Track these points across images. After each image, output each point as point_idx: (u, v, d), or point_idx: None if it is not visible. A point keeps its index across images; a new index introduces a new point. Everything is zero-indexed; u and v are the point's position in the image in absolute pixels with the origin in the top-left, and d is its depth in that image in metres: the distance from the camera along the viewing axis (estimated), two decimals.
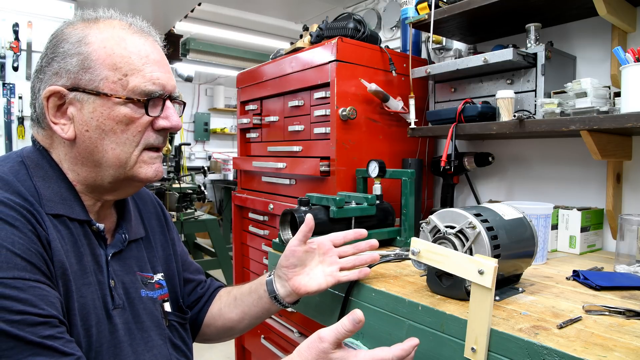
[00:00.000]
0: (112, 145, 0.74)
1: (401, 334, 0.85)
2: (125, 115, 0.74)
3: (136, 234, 0.87)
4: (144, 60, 0.75)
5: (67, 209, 0.73)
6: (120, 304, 0.77)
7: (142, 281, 0.84)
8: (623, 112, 1.08)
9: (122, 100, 0.73)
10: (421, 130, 1.60)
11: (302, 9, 2.72)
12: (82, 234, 0.75)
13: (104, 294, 0.75)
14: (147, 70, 0.75)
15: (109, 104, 0.73)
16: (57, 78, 0.73)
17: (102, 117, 0.73)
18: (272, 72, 1.83)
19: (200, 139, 6.32)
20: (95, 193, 0.78)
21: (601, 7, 1.18)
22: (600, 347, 0.63)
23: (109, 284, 0.76)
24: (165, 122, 0.78)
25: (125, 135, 0.75)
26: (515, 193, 1.66)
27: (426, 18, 1.50)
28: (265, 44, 3.92)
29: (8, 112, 2.95)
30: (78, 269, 0.71)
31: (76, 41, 0.73)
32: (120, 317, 0.77)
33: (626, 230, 1.05)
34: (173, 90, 0.80)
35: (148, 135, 0.77)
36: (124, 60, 0.74)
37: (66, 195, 0.74)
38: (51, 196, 0.72)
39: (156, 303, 0.85)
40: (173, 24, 3.40)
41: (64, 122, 0.74)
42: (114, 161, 0.75)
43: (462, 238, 0.83)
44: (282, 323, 1.84)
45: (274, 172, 1.83)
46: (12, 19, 2.93)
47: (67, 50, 0.73)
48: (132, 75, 0.74)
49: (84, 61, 0.72)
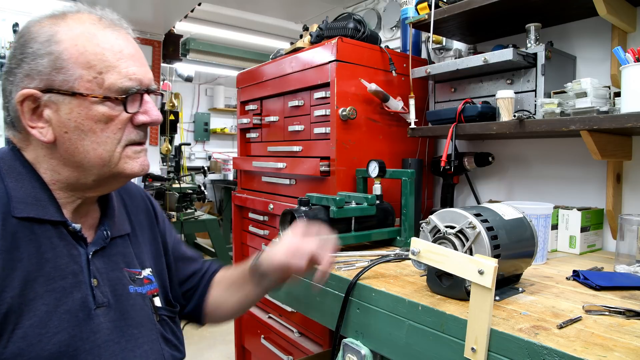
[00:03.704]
0: (93, 145, 0.72)
1: (401, 334, 0.85)
2: (103, 114, 0.71)
3: (120, 230, 0.85)
4: (118, 56, 0.73)
5: (40, 211, 0.71)
6: (105, 302, 0.76)
7: (130, 277, 0.82)
8: (623, 112, 1.08)
9: (99, 99, 0.71)
10: (421, 130, 1.60)
11: (302, 9, 2.72)
12: (56, 235, 0.73)
13: (84, 295, 0.73)
14: (123, 66, 0.73)
15: (86, 104, 0.70)
16: (29, 80, 0.70)
17: (80, 118, 0.71)
18: (272, 72, 1.83)
19: (200, 139, 6.32)
20: (76, 191, 0.77)
21: (601, 7, 1.18)
22: (600, 347, 0.63)
23: (90, 283, 0.74)
24: (144, 117, 0.77)
25: (106, 134, 0.73)
26: (515, 193, 1.66)
27: (426, 18, 1.50)
28: (265, 44, 3.93)
29: None
30: (39, 276, 0.69)
31: (45, 40, 0.70)
32: (105, 315, 0.75)
33: (626, 230, 1.05)
34: (150, 83, 0.77)
35: (129, 131, 0.75)
36: (98, 58, 0.71)
37: (40, 195, 0.72)
38: (23, 197, 0.70)
39: (145, 298, 0.84)
40: (173, 24, 3.40)
41: (41, 125, 0.71)
42: (96, 161, 0.73)
43: (462, 238, 0.83)
44: (282, 323, 1.84)
45: (274, 172, 1.83)
46: (12, 19, 2.93)
47: (36, 51, 0.69)
48: (108, 73, 0.71)
49: (56, 61, 0.69)
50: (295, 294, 1.19)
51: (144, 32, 3.34)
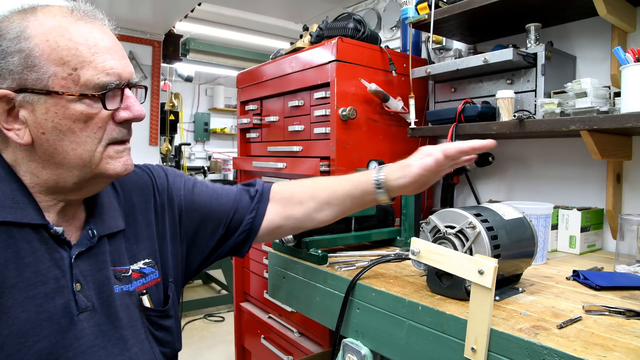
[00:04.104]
0: (73, 145, 0.69)
1: (401, 334, 0.85)
2: (81, 112, 0.68)
3: (111, 227, 0.80)
4: (94, 50, 0.68)
5: (19, 214, 0.68)
6: (88, 306, 0.72)
7: (115, 276, 0.78)
8: (623, 112, 1.08)
9: (75, 97, 0.67)
10: (421, 130, 1.60)
11: (302, 9, 2.72)
12: (37, 239, 0.69)
13: (65, 300, 0.69)
14: (99, 61, 0.68)
15: (62, 103, 0.67)
16: (1, 80, 0.66)
17: (57, 117, 0.67)
18: (272, 72, 1.83)
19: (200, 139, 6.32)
20: (57, 194, 0.73)
21: (601, 7, 1.18)
22: (600, 347, 0.63)
23: (72, 288, 0.71)
24: (126, 113, 0.73)
25: (85, 133, 0.69)
26: (515, 193, 1.66)
27: (426, 18, 1.50)
28: (265, 44, 3.92)
29: None
30: (17, 282, 0.65)
31: (14, 37, 0.65)
32: (89, 320, 0.72)
33: (626, 230, 1.05)
34: (131, 77, 0.73)
35: (110, 129, 0.72)
36: (71, 53, 0.66)
37: (19, 198, 0.69)
38: (1, 200, 0.67)
39: (133, 296, 0.80)
40: (173, 24, 3.39)
41: (17, 126, 0.68)
42: (76, 162, 0.70)
43: (462, 238, 0.83)
44: (282, 323, 1.84)
45: (274, 172, 1.83)
46: None
47: (5, 49, 0.65)
48: (83, 69, 0.67)
49: (27, 59, 0.65)
50: (295, 294, 1.19)
51: (144, 32, 3.34)
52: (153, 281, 0.85)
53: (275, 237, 1.04)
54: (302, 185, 1.03)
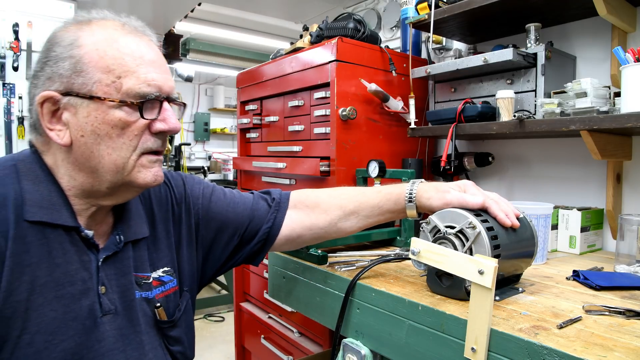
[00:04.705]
0: (109, 150, 0.72)
1: (401, 334, 0.85)
2: (120, 119, 0.71)
3: (137, 234, 0.83)
4: (138, 61, 0.72)
5: (53, 215, 0.71)
6: (111, 309, 0.75)
7: (136, 282, 0.81)
8: (623, 112, 1.08)
9: (115, 103, 0.70)
10: (421, 130, 1.60)
11: (302, 9, 2.72)
12: (69, 241, 0.72)
13: (91, 302, 0.72)
14: (142, 72, 0.72)
15: (103, 108, 0.70)
16: (51, 83, 0.71)
17: (97, 122, 0.70)
18: (272, 72, 1.83)
19: (200, 139, 6.31)
20: (91, 198, 0.76)
21: (601, 7, 1.18)
22: (600, 347, 0.63)
23: (97, 291, 0.74)
24: (162, 125, 0.75)
25: (122, 140, 0.72)
26: (515, 193, 1.66)
27: (426, 18, 1.50)
28: (265, 44, 3.92)
29: (8, 112, 2.95)
30: (48, 280, 0.68)
31: (68, 44, 0.71)
32: (111, 323, 0.74)
33: (626, 230, 1.05)
34: (171, 91, 0.76)
35: (145, 139, 0.74)
36: (117, 62, 0.71)
37: (55, 200, 0.72)
38: (38, 201, 0.70)
39: (150, 304, 0.82)
40: (173, 24, 3.39)
41: (59, 127, 0.72)
42: (110, 167, 0.72)
43: (462, 238, 0.83)
44: (282, 323, 1.84)
45: (274, 172, 1.83)
46: (12, 19, 2.93)
47: (59, 54, 0.71)
48: (126, 77, 0.71)
49: (76, 64, 0.70)
50: (295, 294, 1.19)
51: None
52: (171, 289, 0.87)
53: (295, 246, 1.03)
54: (328, 193, 1.02)
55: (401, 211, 0.95)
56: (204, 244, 0.95)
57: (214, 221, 0.95)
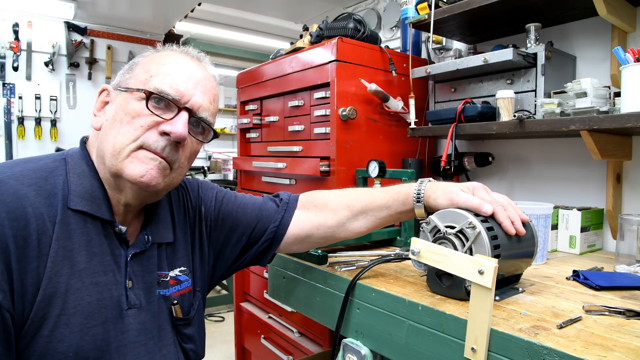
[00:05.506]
0: (115, 133, 0.76)
1: (401, 334, 0.85)
2: (134, 109, 0.76)
3: (162, 238, 0.87)
4: (175, 70, 0.79)
5: (94, 207, 0.76)
6: (137, 304, 0.79)
7: (157, 280, 0.85)
8: (623, 112, 1.08)
9: (135, 91, 0.77)
10: (421, 130, 1.60)
11: (302, 9, 2.72)
12: (103, 233, 0.77)
13: (119, 294, 0.76)
14: (172, 76, 0.78)
15: (128, 98, 0.77)
16: (113, 80, 0.84)
17: (119, 109, 0.77)
18: (272, 72, 1.83)
19: None
20: (115, 191, 0.79)
21: (601, 7, 1.18)
22: (600, 347, 0.63)
23: (125, 284, 0.78)
24: (167, 126, 0.76)
25: (128, 127, 0.76)
26: (515, 193, 1.66)
27: (426, 18, 1.50)
28: (265, 44, 3.93)
29: (8, 112, 2.95)
30: (86, 267, 0.73)
31: (139, 57, 0.84)
32: (135, 317, 0.78)
33: (626, 230, 1.05)
34: (195, 107, 0.79)
35: (149, 134, 0.76)
36: (158, 67, 0.79)
37: (97, 193, 0.77)
38: (82, 193, 0.76)
39: (167, 301, 0.85)
40: (173, 24, 3.39)
41: (100, 114, 0.81)
42: (110, 149, 0.76)
43: (462, 238, 0.83)
44: (282, 323, 1.84)
45: (274, 172, 1.83)
46: (12, 19, 2.93)
47: (131, 64, 0.83)
48: (157, 77, 0.78)
49: (132, 67, 0.81)
50: (295, 294, 1.19)
51: (144, 32, 3.34)
52: (186, 289, 0.90)
53: (304, 246, 1.03)
54: (337, 194, 1.03)
55: (410, 211, 0.96)
56: (216, 245, 0.98)
57: (225, 222, 0.98)
